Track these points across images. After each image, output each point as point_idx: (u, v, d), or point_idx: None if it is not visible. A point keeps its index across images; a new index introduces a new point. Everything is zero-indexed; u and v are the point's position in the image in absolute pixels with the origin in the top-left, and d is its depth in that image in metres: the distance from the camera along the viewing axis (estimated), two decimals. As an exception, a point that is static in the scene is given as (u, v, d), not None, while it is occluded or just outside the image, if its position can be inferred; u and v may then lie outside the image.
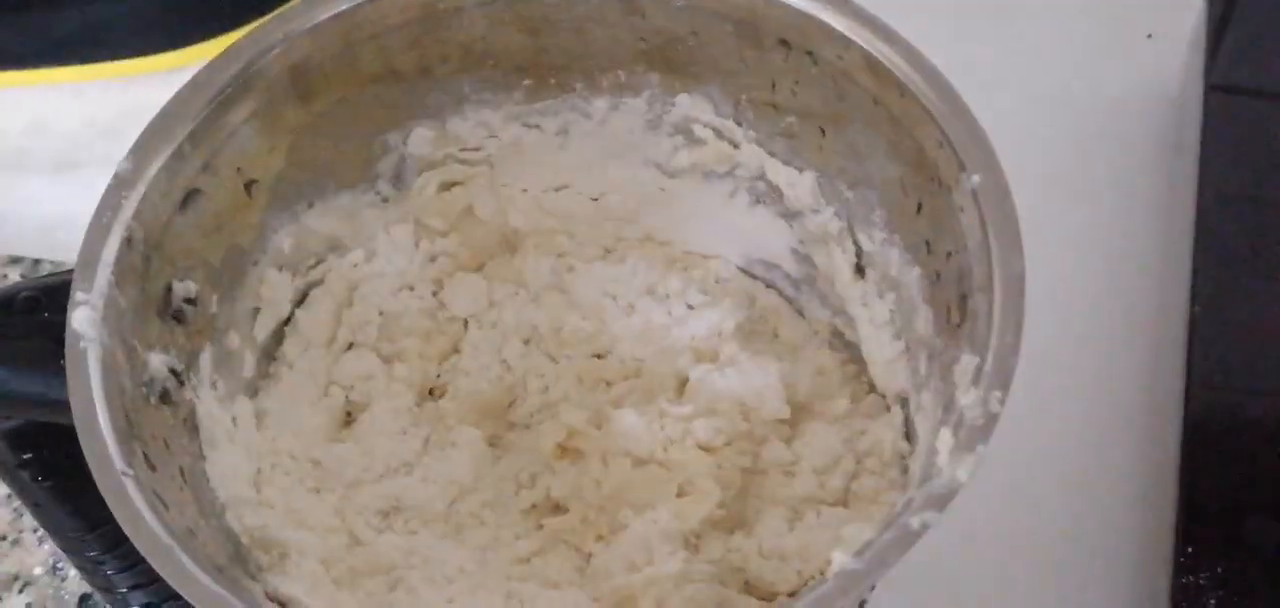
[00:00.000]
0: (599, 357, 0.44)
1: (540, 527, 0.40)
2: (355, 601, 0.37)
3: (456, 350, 0.44)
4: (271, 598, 0.35)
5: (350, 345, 0.43)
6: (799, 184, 0.42)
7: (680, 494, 0.40)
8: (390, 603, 0.38)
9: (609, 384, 0.43)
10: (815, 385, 0.43)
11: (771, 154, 0.42)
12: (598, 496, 0.40)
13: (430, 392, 0.43)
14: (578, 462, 0.41)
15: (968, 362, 0.33)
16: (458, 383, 0.43)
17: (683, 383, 0.43)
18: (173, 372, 0.36)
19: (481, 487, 0.41)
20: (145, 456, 0.33)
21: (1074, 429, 0.50)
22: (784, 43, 0.39)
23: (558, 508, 0.41)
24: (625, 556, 0.38)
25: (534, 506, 0.41)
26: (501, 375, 0.43)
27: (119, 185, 0.35)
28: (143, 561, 0.30)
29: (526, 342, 0.44)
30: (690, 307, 0.44)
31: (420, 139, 0.43)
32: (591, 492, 0.40)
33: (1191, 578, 0.41)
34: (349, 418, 0.43)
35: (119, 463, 0.31)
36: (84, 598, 0.48)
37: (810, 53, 0.38)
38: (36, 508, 0.38)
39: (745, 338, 0.43)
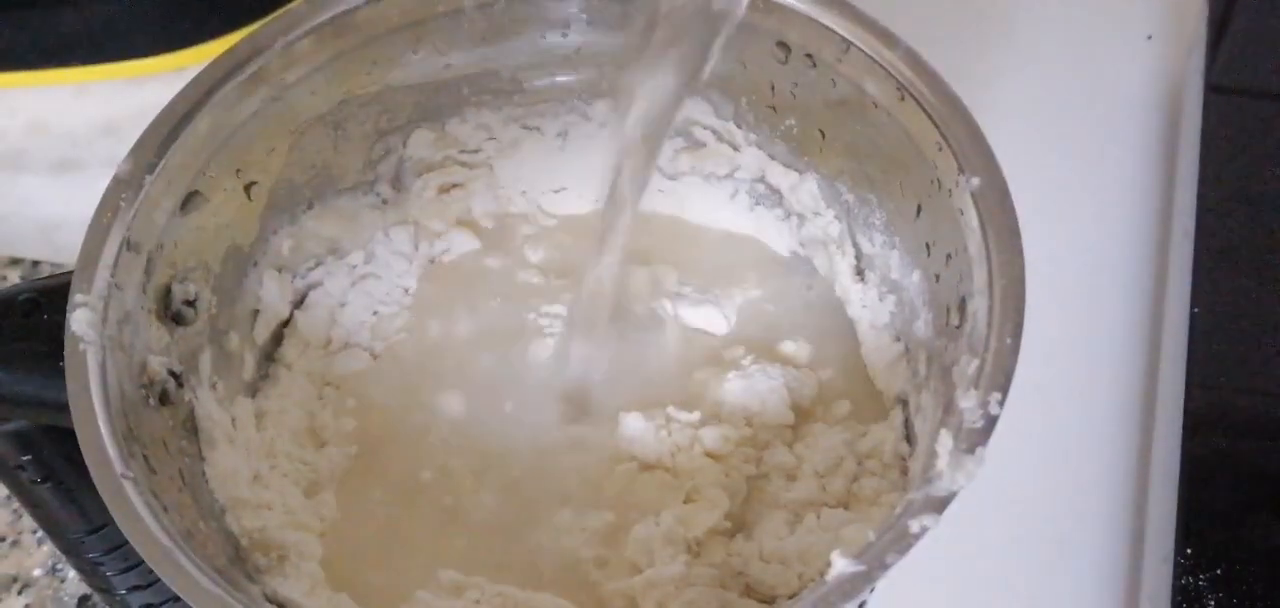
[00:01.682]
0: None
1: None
2: (354, 603, 0.37)
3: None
4: (270, 600, 0.35)
5: (345, 346, 0.43)
6: (799, 187, 0.42)
7: (687, 501, 0.40)
8: (389, 606, 0.38)
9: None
10: (818, 388, 0.42)
11: (771, 157, 0.42)
12: (600, 498, 0.40)
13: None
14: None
15: (967, 363, 0.33)
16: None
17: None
18: (172, 373, 0.36)
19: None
20: (144, 457, 0.33)
21: (1073, 431, 0.50)
22: (783, 45, 0.39)
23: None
24: (626, 559, 0.38)
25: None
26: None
27: (118, 186, 0.35)
28: (142, 562, 0.30)
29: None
30: (692, 310, 0.44)
31: (420, 141, 0.43)
32: (594, 494, 0.40)
33: (1192, 579, 0.41)
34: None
35: (118, 465, 0.31)
36: (83, 599, 0.48)
37: (810, 55, 0.38)
38: (35, 509, 0.38)
39: (748, 342, 0.43)
